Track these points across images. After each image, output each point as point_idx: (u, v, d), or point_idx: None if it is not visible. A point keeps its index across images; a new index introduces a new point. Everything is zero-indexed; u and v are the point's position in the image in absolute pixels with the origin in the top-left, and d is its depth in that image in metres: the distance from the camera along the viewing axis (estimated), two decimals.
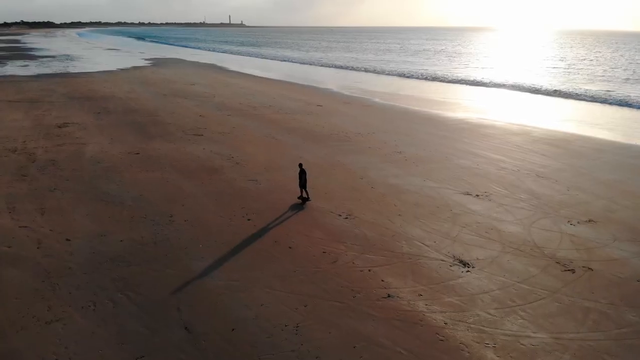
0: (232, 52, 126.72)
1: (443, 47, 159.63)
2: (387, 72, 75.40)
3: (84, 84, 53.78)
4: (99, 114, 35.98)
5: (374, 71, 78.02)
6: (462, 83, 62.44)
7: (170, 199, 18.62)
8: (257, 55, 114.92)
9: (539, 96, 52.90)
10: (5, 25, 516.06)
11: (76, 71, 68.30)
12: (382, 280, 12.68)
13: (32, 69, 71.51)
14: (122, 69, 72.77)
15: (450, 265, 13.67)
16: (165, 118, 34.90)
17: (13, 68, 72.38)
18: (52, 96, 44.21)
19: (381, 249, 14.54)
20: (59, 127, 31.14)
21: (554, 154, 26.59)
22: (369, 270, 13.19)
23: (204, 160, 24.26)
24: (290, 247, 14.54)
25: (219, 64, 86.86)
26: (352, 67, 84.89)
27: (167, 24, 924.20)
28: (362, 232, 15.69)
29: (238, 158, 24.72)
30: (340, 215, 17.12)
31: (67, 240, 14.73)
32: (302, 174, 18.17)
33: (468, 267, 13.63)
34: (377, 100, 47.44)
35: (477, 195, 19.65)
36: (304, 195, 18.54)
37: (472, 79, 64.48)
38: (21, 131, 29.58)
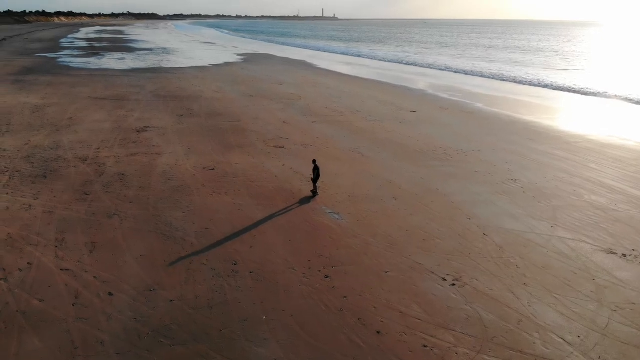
0: (323, 48, 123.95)
1: (549, 44, 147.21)
2: (487, 74, 69.01)
3: (173, 80, 53.29)
4: (181, 117, 34.37)
5: (472, 72, 71.86)
6: (574, 91, 53.95)
7: (238, 235, 15.76)
8: (347, 52, 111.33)
9: None
10: (113, 15, 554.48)
11: (169, 66, 68.69)
12: None
13: (128, 62, 73.04)
14: (213, 65, 72.42)
15: None
16: (248, 124, 32.54)
17: (110, 61, 74.38)
18: (139, 94, 43.64)
19: (505, 345, 10.60)
20: (138, 131, 29.64)
21: None
22: None
23: (282, 181, 21.30)
24: (378, 332, 11.00)
25: (309, 61, 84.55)
26: (450, 67, 79.03)
27: (262, 17, 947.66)
28: (476, 312, 11.80)
29: (319, 180, 21.49)
30: (444, 280, 13.31)
31: (110, 294, 12.20)
32: (316, 169, 19.26)
33: None
34: (479, 105, 42.48)
35: (624, 255, 15.01)
36: (314, 189, 19.54)
37: (583, 86, 55.90)
38: (99, 135, 28.34)
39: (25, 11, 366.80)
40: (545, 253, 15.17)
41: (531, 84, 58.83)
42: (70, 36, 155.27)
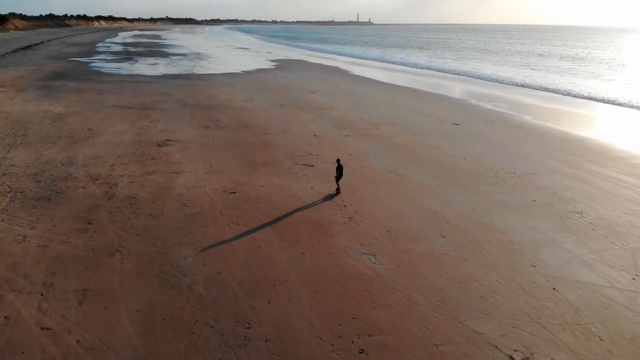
0: (357, 55, 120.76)
1: (593, 51, 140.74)
2: (532, 84, 64.83)
3: (203, 88, 51.52)
4: (207, 129, 32.26)
5: (516, 81, 67.86)
6: (626, 105, 48.29)
7: (256, 283, 13.23)
8: (382, 58, 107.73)
9: None
10: (152, 20, 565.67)
11: (201, 72, 67.18)
12: None
13: (160, 68, 71.94)
14: (245, 71, 70.59)
15: None
16: (276, 138, 30.14)
17: (142, 66, 73.44)
18: (166, 102, 41.87)
19: None
20: (159, 145, 27.59)
21: None
22: None
23: (310, 209, 18.73)
24: None
25: (343, 67, 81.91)
26: (492, 75, 75.08)
27: (297, 22, 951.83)
28: None
29: (352, 208, 18.87)
30: (512, 359, 10.42)
31: None
32: (339, 168, 20.23)
33: None
34: (527, 118, 39.01)
35: None
36: (338, 187, 20.56)
37: (636, 99, 51.12)
38: (117, 149, 26.38)
39: (66, 15, 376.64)
40: (632, 318, 12.13)
41: (580, 95, 54.29)
42: (107, 40, 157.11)
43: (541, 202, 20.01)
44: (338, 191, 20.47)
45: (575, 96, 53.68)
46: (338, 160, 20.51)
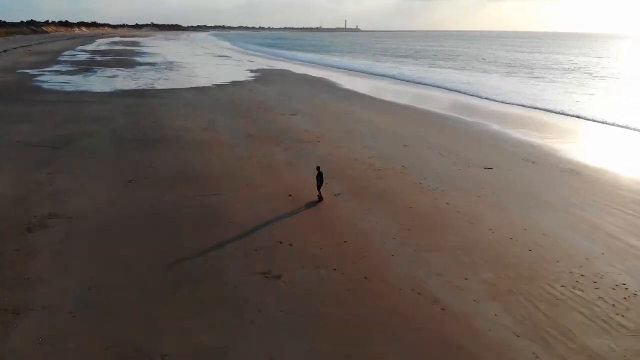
0: (346, 66, 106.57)
1: (599, 61, 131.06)
2: (557, 109, 54.52)
3: (156, 110, 40.84)
4: (128, 185, 21.75)
5: (535, 98, 57.60)
6: None
7: None
8: (374, 69, 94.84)
9: None
10: (137, 27, 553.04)
11: (163, 87, 56.32)
12: None
13: (117, 82, 60.85)
14: (217, 85, 59.91)
15: None
16: (231, 202, 19.69)
17: (96, 80, 62.29)
18: (94, 135, 31.12)
19: None
20: (29, 230, 16.82)
21: None
22: None
23: None
24: None
25: (331, 79, 71.04)
26: (505, 90, 64.71)
27: (285, 28, 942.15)
28: None
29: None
30: None
31: None
32: (319, 177, 19.09)
33: None
34: (578, 158, 28.74)
35: None
36: (320, 194, 19.43)
37: None
38: None
39: (48, 21, 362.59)
40: None
41: (624, 125, 42.80)
42: (78, 48, 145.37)
43: None
44: (320, 198, 19.50)
45: (620, 126, 41.09)
46: (318, 168, 19.38)
